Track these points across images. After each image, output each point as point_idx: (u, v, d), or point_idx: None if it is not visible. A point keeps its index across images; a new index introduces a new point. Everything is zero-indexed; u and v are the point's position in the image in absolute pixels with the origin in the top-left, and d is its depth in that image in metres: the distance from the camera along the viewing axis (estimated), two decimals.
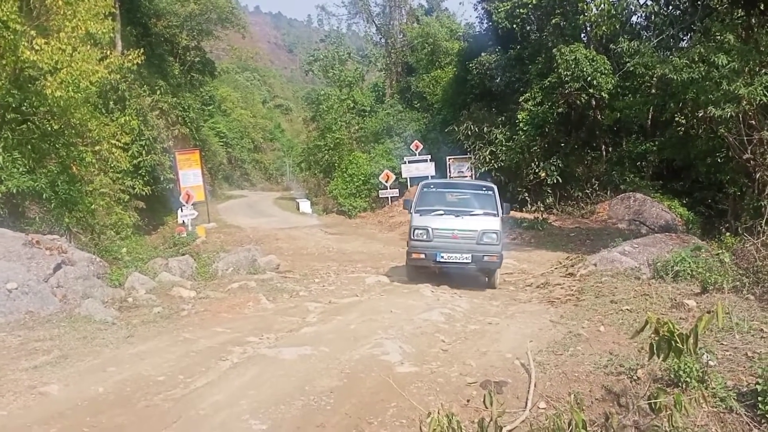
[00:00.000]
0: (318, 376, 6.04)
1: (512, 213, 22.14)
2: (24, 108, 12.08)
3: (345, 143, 35.42)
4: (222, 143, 42.99)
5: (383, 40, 41.96)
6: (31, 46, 10.80)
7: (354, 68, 41.42)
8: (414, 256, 11.33)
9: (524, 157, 24.46)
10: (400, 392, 5.47)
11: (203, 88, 35.66)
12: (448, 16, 40.62)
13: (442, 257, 11.08)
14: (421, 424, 4.01)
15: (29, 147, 12.31)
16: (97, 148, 13.70)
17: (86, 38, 12.27)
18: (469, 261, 11.02)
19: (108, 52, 13.50)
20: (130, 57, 13.54)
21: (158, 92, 23.22)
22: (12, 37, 10.68)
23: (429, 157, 26.50)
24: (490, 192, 11.98)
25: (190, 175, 20.50)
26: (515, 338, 7.24)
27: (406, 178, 26.64)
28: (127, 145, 16.28)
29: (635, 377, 5.60)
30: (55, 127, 13.00)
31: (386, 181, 26.64)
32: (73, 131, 13.57)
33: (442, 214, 11.56)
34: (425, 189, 12.48)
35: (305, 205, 34.52)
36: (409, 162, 26.83)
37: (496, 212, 11.54)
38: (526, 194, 24.55)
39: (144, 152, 20.03)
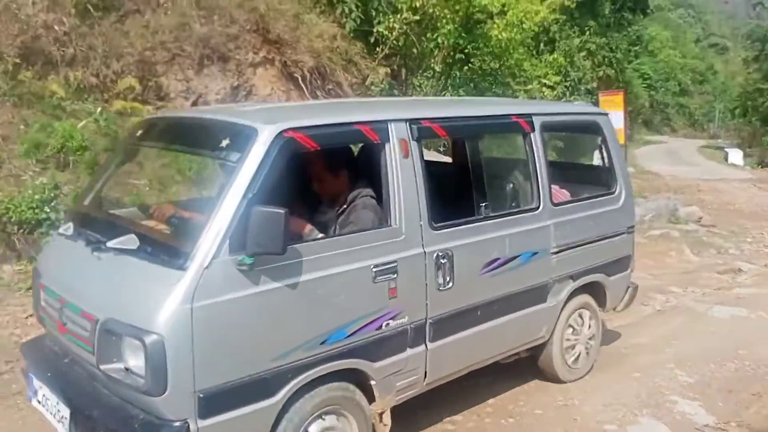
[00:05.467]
0: (755, 341, 5.47)
1: None
2: (467, 50, 13.34)
3: None
4: (645, 86, 40.80)
5: None
6: None
7: None
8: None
9: None
10: None
11: (632, 27, 34.04)
12: None
13: (35, 394, 3.16)
14: None
15: (472, 85, 13.62)
16: (528, 87, 14.38)
17: None
18: (68, 420, 2.83)
19: None
20: None
21: (587, 33, 23.07)
22: None
23: None
24: (236, 158, 2.76)
25: (611, 117, 20.04)
26: None
27: None
28: (556, 84, 16.70)
29: None
30: (494, 67, 14.10)
31: None
32: (508, 71, 14.52)
33: (72, 238, 3.19)
34: (130, 142, 3.83)
35: (736, 156, 30.72)
36: None
37: (185, 256, 2.60)
38: None
39: (568, 93, 20.27)
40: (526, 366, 4.61)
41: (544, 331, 4.21)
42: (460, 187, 3.98)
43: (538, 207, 3.95)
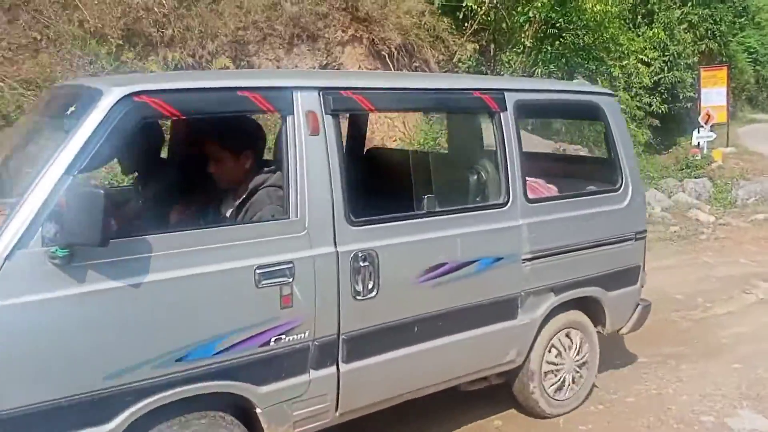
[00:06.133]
0: None
1: None
2: (559, 24, 12.92)
3: None
4: (750, 60, 38.20)
5: None
6: None
7: None
8: None
9: None
10: None
11: None
12: None
13: None
14: None
15: (563, 61, 13.20)
16: (624, 63, 13.80)
17: None
18: None
19: None
20: None
21: (689, 4, 21.83)
22: None
23: None
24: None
25: (713, 94, 18.94)
26: None
27: None
28: (654, 60, 15.94)
29: None
30: (588, 41, 13.58)
31: None
32: (602, 46, 13.95)
33: None
34: (27, 114, 4.43)
35: None
36: None
37: None
38: None
39: (666, 68, 19.28)
40: (619, 349, 4.49)
41: (514, 355, 3.42)
42: (399, 176, 3.28)
43: (506, 203, 3.22)
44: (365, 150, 4.42)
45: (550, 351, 3.64)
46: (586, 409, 3.90)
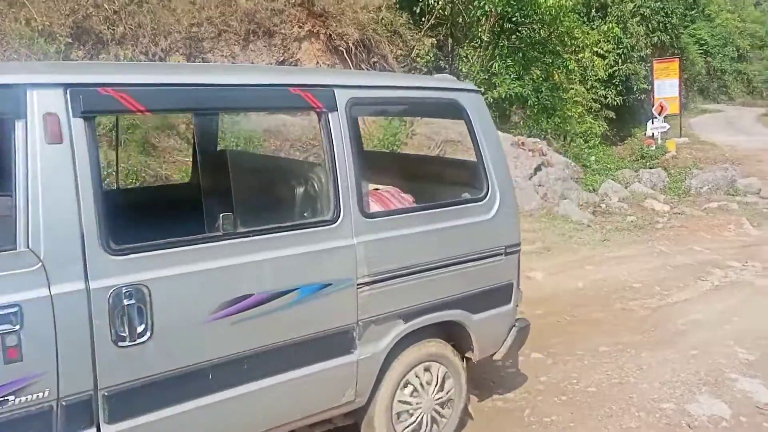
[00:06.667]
0: None
1: None
2: (515, 18, 13.04)
3: None
4: (701, 52, 39.21)
5: None
6: None
7: None
8: None
9: None
10: None
11: None
12: None
13: None
14: None
15: (520, 54, 13.32)
16: (579, 56, 14.01)
17: None
18: None
19: None
20: None
21: None
22: None
23: None
24: None
25: (666, 86, 19.41)
26: None
27: None
28: (607, 53, 16.23)
29: None
30: (543, 35, 13.75)
31: None
32: (558, 40, 14.15)
33: None
34: None
35: None
36: None
37: None
38: None
39: (620, 61, 19.66)
40: (579, 340, 4.53)
41: (352, 395, 2.86)
42: (187, 192, 2.75)
43: (336, 219, 2.69)
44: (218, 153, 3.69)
45: (403, 387, 3.08)
46: (549, 401, 3.93)
